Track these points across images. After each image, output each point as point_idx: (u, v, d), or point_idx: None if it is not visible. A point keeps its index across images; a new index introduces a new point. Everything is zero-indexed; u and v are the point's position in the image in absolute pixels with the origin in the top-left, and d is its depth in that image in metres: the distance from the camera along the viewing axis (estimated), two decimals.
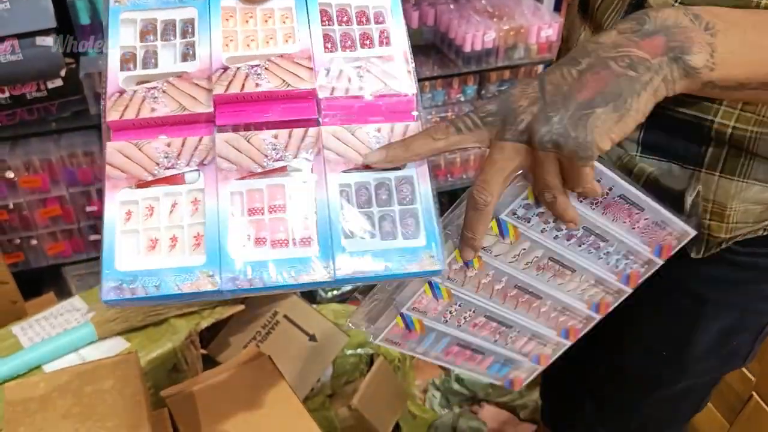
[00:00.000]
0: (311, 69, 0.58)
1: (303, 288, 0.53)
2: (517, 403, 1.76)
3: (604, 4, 0.71)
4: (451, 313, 0.70)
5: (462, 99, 2.11)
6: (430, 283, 0.65)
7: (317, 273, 0.52)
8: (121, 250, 0.52)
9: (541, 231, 0.65)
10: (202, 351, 1.12)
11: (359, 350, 1.44)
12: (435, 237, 0.54)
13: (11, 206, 1.72)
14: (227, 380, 0.86)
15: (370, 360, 1.45)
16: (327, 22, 0.61)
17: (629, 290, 0.77)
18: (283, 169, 0.56)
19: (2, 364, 0.96)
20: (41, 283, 1.85)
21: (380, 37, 0.62)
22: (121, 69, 0.58)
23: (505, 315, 0.75)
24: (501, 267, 0.68)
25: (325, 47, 0.60)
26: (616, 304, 0.78)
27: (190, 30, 0.60)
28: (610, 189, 0.63)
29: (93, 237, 1.84)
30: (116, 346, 1.02)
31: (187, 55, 0.59)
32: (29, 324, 1.09)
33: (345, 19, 0.62)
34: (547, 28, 2.01)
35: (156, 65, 0.59)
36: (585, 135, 0.50)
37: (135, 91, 0.57)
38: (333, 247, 0.53)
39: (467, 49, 1.94)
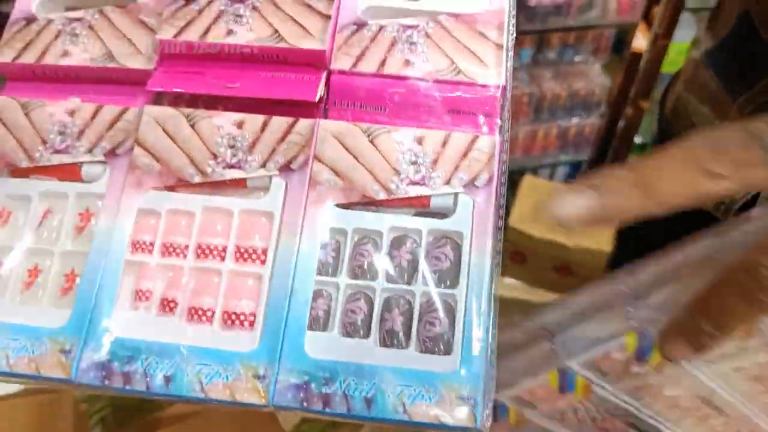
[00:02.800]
0: (329, 18, 0.34)
1: (216, 405, 0.29)
2: None
3: None
4: (576, 411, 0.44)
5: (515, 64, 1.72)
6: None
7: (243, 386, 0.28)
8: None
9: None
10: None
11: None
12: (480, 361, 0.28)
13: None
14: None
15: None
16: None
17: None
18: (239, 184, 0.32)
19: None
20: None
21: None
22: None
23: (656, 425, 0.46)
24: (701, 376, 0.40)
25: None
26: None
27: None
28: None
29: None
30: None
31: None
32: None
33: None
34: None
35: None
36: None
37: (50, 22, 0.35)
38: (284, 344, 0.29)
39: (532, 1, 1.53)
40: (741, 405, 0.41)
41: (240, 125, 0.32)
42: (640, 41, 1.72)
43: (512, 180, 2.16)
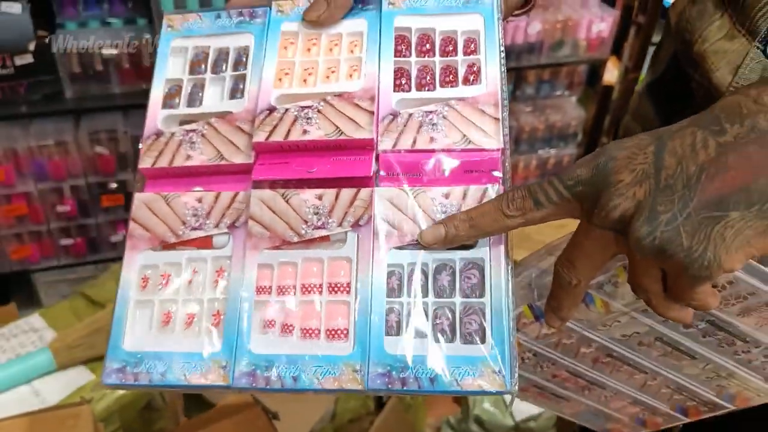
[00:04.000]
0: (372, 113, 0.47)
1: (329, 393, 0.43)
2: None
3: None
4: (523, 360, 0.59)
5: None
6: None
7: (346, 378, 0.42)
8: (133, 324, 0.45)
9: (643, 311, 0.50)
10: None
11: None
12: (504, 345, 0.42)
13: None
14: None
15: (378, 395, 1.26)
16: (403, 52, 0.50)
17: None
18: (324, 239, 0.46)
19: None
20: (7, 289, 1.62)
21: (467, 72, 0.49)
22: (164, 106, 0.51)
23: (595, 377, 0.61)
24: (586, 333, 0.54)
25: (396, 85, 0.49)
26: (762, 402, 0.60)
27: (244, 60, 0.51)
28: (751, 294, 0.45)
29: (64, 241, 1.57)
30: (78, 378, 0.84)
31: (236, 91, 0.51)
32: None
33: (426, 47, 0.50)
34: (599, 22, 1.72)
35: (201, 103, 0.51)
36: (705, 250, 0.35)
37: (173, 134, 0.49)
38: (371, 347, 0.42)
39: (507, 41, 1.66)
40: (649, 363, 0.56)
41: (320, 197, 0.46)
42: (611, 75, 1.85)
43: None
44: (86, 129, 1.48)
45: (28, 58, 1.35)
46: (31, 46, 1.35)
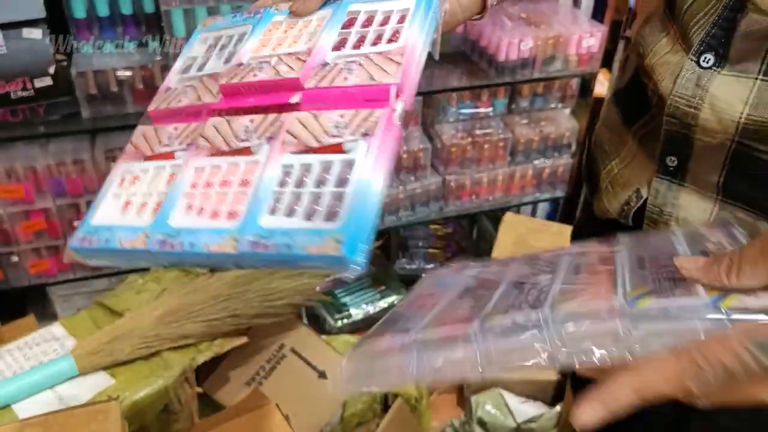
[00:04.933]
0: (304, 62, 0.58)
1: (212, 260, 0.51)
2: None
3: (695, 4, 0.55)
4: None
5: (491, 113, 1.89)
6: None
7: (225, 245, 0.50)
8: (103, 208, 0.59)
9: None
10: (198, 389, 0.96)
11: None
12: (355, 222, 0.47)
13: None
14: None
15: (385, 398, 1.24)
16: (349, 26, 0.61)
17: None
18: (247, 151, 0.56)
19: None
20: (24, 302, 1.68)
21: (391, 35, 0.59)
22: (179, 72, 0.67)
23: None
24: None
25: (334, 47, 0.60)
26: None
27: (242, 41, 0.66)
28: None
29: None
30: (99, 383, 0.89)
31: (228, 59, 0.65)
32: (0, 354, 0.95)
33: (367, 23, 0.61)
34: (589, 38, 1.72)
35: (203, 69, 0.66)
36: None
37: (176, 89, 0.65)
38: (251, 223, 0.50)
39: (501, 58, 1.71)
40: None
41: (252, 121, 0.57)
42: (602, 87, 1.88)
43: (496, 217, 2.13)
44: (102, 147, 1.55)
45: (47, 81, 1.43)
46: (51, 70, 1.42)
